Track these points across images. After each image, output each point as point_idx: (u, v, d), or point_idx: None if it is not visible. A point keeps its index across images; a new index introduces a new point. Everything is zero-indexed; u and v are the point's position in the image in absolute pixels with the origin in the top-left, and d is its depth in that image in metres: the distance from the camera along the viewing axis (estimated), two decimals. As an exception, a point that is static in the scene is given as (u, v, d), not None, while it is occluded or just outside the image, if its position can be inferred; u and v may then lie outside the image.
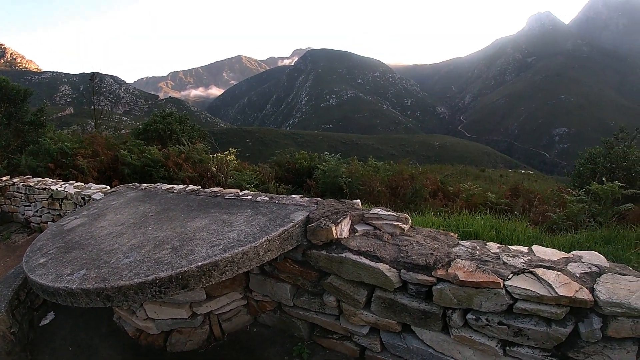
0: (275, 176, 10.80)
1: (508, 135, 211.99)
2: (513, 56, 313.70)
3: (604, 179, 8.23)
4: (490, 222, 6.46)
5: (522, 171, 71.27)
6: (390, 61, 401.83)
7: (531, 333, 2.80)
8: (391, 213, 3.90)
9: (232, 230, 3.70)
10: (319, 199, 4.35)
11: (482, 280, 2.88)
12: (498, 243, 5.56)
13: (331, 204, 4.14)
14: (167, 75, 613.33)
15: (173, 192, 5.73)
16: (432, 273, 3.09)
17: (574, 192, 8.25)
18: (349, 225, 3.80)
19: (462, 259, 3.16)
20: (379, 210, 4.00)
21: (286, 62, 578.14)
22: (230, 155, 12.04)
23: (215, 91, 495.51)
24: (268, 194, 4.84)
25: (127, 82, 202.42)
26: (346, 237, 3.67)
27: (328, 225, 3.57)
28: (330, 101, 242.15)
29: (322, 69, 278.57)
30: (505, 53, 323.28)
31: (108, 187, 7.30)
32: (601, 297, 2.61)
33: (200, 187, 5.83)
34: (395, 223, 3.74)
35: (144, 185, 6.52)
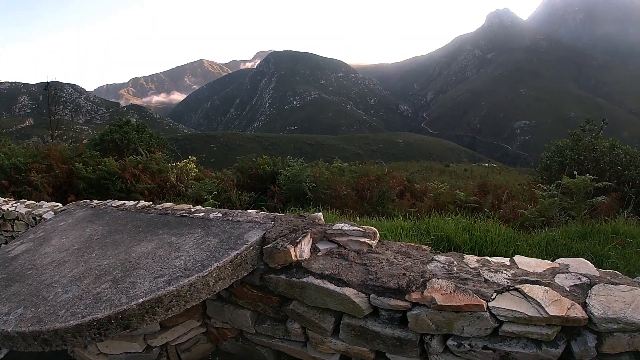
0: (237, 183, 10.37)
1: (471, 130, 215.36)
2: (473, 53, 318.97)
3: (575, 172, 8.07)
4: (462, 224, 6.21)
5: (486, 164, 72.38)
6: (353, 61, 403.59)
7: (520, 356, 2.55)
8: (356, 228, 3.53)
9: (179, 256, 3.31)
10: (276, 214, 3.95)
11: (463, 304, 2.59)
12: (472, 247, 5.39)
13: (289, 220, 3.75)
14: (128, 81, 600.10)
15: (123, 209, 5.24)
16: (406, 297, 2.76)
17: (544, 187, 8.04)
18: (309, 245, 3.42)
19: (438, 279, 2.84)
20: (342, 225, 3.63)
21: (248, 64, 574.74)
22: (190, 163, 11.55)
23: (178, 96, 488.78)
24: (222, 209, 4.42)
25: (87, 90, 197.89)
26: (307, 258, 3.30)
27: (285, 247, 3.19)
28: (294, 103, 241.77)
29: (285, 71, 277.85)
30: (465, 50, 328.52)
31: (60, 204, 6.77)
32: (596, 314, 2.40)
33: (151, 202, 5.38)
34: (362, 240, 3.39)
35: (95, 202, 6.04)
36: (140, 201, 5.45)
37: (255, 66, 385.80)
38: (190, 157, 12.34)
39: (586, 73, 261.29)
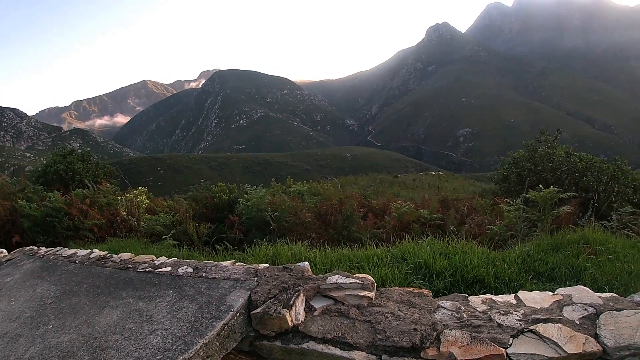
0: (193, 214, 9.86)
1: (415, 140, 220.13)
2: (414, 66, 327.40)
3: (541, 186, 8.07)
4: (437, 247, 6.02)
5: (433, 173, 73.72)
6: (298, 78, 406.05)
7: (543, 396, 2.45)
8: (353, 280, 3.20)
9: (154, 330, 2.84)
10: (258, 267, 3.56)
11: (483, 355, 2.42)
12: (453, 272, 5.18)
13: (275, 275, 3.36)
14: (71, 104, 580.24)
15: (75, 261, 4.62)
16: (422, 354, 2.52)
17: (510, 202, 8.00)
18: (304, 304, 3.06)
19: (451, 329, 2.61)
20: (337, 277, 3.28)
21: (193, 84, 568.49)
22: (141, 195, 10.94)
23: (122, 119, 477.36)
24: (192, 261, 3.97)
25: (28, 114, 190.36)
26: (303, 320, 2.94)
27: (280, 312, 2.82)
28: (241, 122, 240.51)
29: (231, 90, 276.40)
30: (407, 64, 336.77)
31: (4, 251, 6.09)
32: (609, 344, 2.44)
33: (107, 252, 4.85)
34: (361, 293, 3.08)
35: (43, 250, 5.47)
36: (94, 250, 4.93)
37: (200, 86, 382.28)
38: (140, 187, 11.72)
39: (525, 80, 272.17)
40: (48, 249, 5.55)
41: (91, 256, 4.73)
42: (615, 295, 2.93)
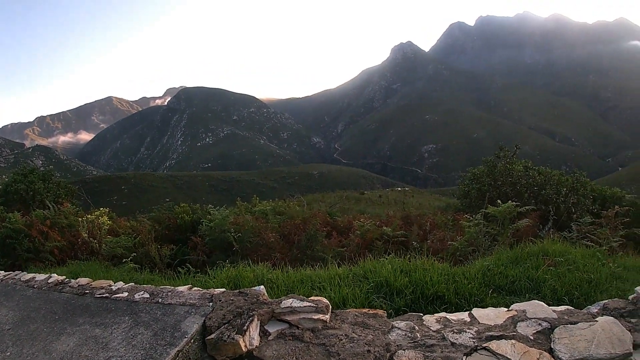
0: (155, 236, 9.72)
1: (381, 157, 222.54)
2: (379, 84, 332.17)
3: (499, 201, 8.21)
4: (398, 264, 6.06)
5: (399, 189, 74.32)
6: (265, 96, 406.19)
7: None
8: (307, 303, 3.20)
9: (109, 357, 2.82)
10: (213, 292, 3.53)
11: None
12: (413, 290, 5.22)
13: (230, 300, 3.34)
14: (34, 120, 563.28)
15: (34, 286, 4.50)
16: None
17: (470, 217, 8.13)
18: (258, 329, 3.05)
19: (404, 350, 2.62)
20: (291, 300, 3.27)
21: (159, 101, 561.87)
22: (102, 216, 10.75)
23: (86, 136, 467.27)
24: (149, 286, 3.92)
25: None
26: (258, 345, 2.93)
27: (233, 338, 2.80)
28: (207, 140, 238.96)
29: (197, 108, 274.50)
30: (372, 82, 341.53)
31: None
32: (563, 358, 2.45)
33: (65, 277, 4.75)
34: (315, 316, 3.08)
35: (2, 274, 5.33)
36: (52, 275, 4.83)
37: (166, 103, 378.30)
38: (102, 208, 11.51)
39: (487, 96, 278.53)
40: (7, 272, 5.42)
41: (49, 281, 4.63)
42: (570, 308, 2.97)
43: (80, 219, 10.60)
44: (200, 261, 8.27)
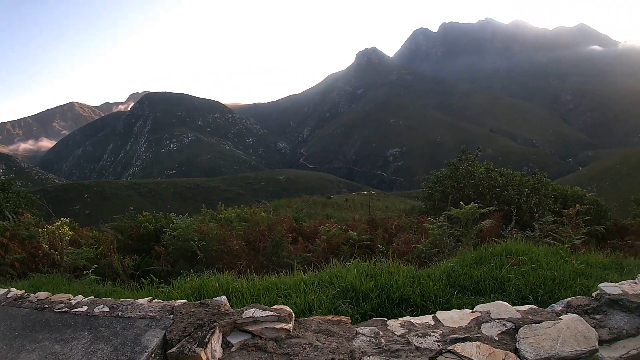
0: (118, 246, 9.50)
1: (347, 161, 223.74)
2: (344, 90, 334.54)
3: (461, 203, 8.29)
4: (364, 268, 6.05)
5: (365, 192, 74.72)
6: (229, 101, 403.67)
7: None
8: (269, 313, 3.14)
9: (70, 376, 2.67)
10: (174, 303, 3.43)
11: None
12: (379, 294, 5.21)
13: (190, 312, 3.25)
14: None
15: None
16: None
17: (433, 220, 8.19)
18: (220, 340, 2.98)
19: (369, 356, 2.62)
20: (253, 310, 3.21)
21: (122, 107, 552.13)
22: (63, 226, 10.42)
23: (47, 143, 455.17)
24: (109, 299, 3.79)
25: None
26: (220, 357, 2.87)
27: (194, 351, 2.72)
28: (172, 146, 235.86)
29: (161, 113, 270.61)
30: (337, 87, 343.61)
31: None
32: (529, 357, 2.47)
33: (24, 291, 4.58)
34: (278, 326, 3.02)
35: (-39, 290, 5.11)
36: (11, 289, 4.64)
37: (129, 109, 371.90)
38: (63, 218, 11.18)
39: (450, 100, 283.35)
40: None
41: (8, 296, 4.46)
42: (534, 307, 2.99)
43: (40, 229, 10.28)
44: (164, 271, 8.11)
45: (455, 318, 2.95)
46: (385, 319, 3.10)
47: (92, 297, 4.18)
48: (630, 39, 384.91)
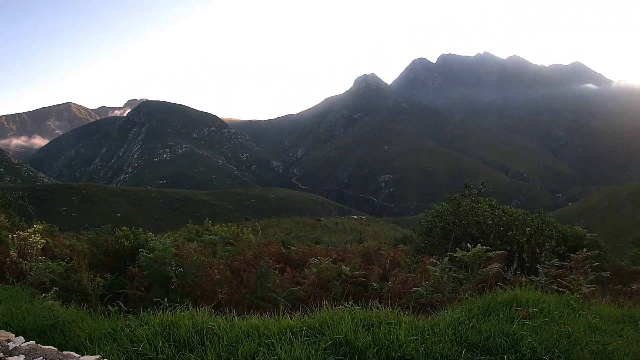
0: (91, 261, 8.71)
1: (339, 184, 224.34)
2: (341, 113, 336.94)
3: (469, 245, 7.64)
4: (359, 316, 5.33)
5: (355, 217, 74.21)
6: (226, 116, 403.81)
7: None
8: None
9: None
10: None
11: None
12: (377, 351, 4.47)
13: None
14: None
15: None
16: None
17: (436, 261, 7.52)
18: None
19: None
20: None
21: (118, 112, 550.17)
22: (36, 235, 9.55)
23: (40, 141, 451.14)
24: (50, 350, 3.11)
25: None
26: None
27: None
28: (164, 156, 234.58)
29: (157, 122, 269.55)
30: (334, 110, 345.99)
31: None
32: None
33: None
34: None
35: None
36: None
37: (125, 114, 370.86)
38: (35, 225, 10.33)
39: (444, 130, 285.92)
40: None
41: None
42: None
43: (11, 235, 9.44)
44: (137, 296, 7.34)
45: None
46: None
47: (33, 342, 3.48)
48: (624, 79, 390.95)
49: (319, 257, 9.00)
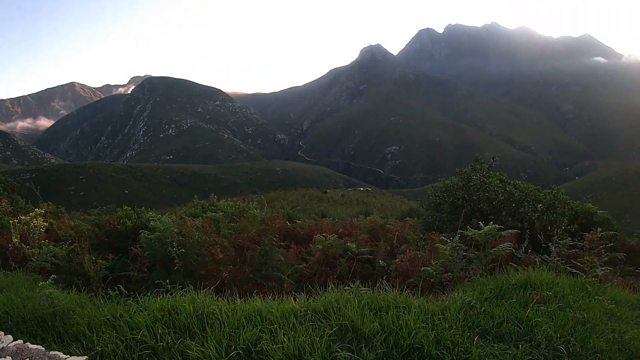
0: (93, 243, 8.51)
1: (345, 156, 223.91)
2: (346, 84, 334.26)
3: (479, 222, 7.39)
4: (366, 299, 5.10)
5: (361, 189, 74.30)
6: (230, 89, 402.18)
7: None
8: None
9: None
10: None
11: None
12: (385, 338, 4.26)
13: None
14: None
15: None
16: None
17: (447, 239, 7.27)
18: None
19: None
20: None
21: (122, 90, 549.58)
22: (38, 218, 9.30)
23: (45, 122, 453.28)
24: (38, 350, 2.91)
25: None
26: None
27: None
28: (170, 131, 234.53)
29: (161, 98, 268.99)
30: (339, 82, 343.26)
31: None
32: None
33: None
34: None
35: None
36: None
37: (129, 92, 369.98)
38: (37, 209, 10.09)
39: (451, 102, 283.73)
40: None
41: None
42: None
43: (13, 220, 9.24)
44: (140, 277, 7.16)
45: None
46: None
47: (20, 342, 3.31)
48: (634, 53, 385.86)
49: (324, 234, 8.80)
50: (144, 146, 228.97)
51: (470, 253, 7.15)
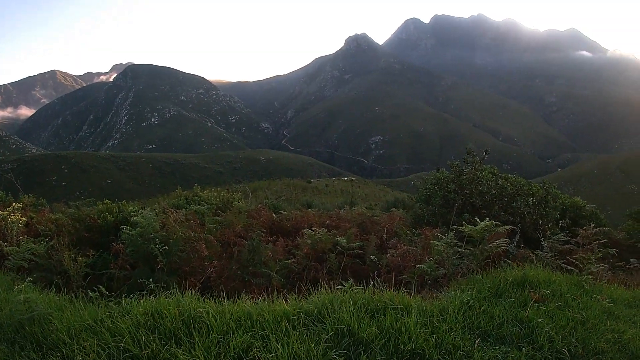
0: (73, 238, 8.14)
1: (329, 146, 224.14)
2: (331, 74, 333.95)
3: (476, 218, 7.20)
4: (361, 300, 4.84)
5: (345, 178, 74.16)
6: (214, 78, 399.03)
7: None
8: None
9: None
10: None
11: None
12: (385, 343, 4.03)
13: None
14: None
15: None
16: None
17: (441, 235, 7.07)
18: None
19: None
20: None
21: (104, 77, 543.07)
22: (16, 213, 8.83)
23: (26, 111, 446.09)
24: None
25: None
26: None
27: None
28: (153, 120, 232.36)
29: (144, 86, 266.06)
30: (324, 71, 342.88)
31: None
32: None
33: None
34: None
35: None
36: None
37: (111, 79, 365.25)
38: (14, 204, 9.64)
39: (435, 92, 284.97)
40: None
41: None
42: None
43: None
44: (122, 275, 6.83)
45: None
46: None
47: None
48: (619, 48, 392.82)
49: (313, 228, 8.56)
50: (127, 135, 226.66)
51: (464, 249, 6.97)
